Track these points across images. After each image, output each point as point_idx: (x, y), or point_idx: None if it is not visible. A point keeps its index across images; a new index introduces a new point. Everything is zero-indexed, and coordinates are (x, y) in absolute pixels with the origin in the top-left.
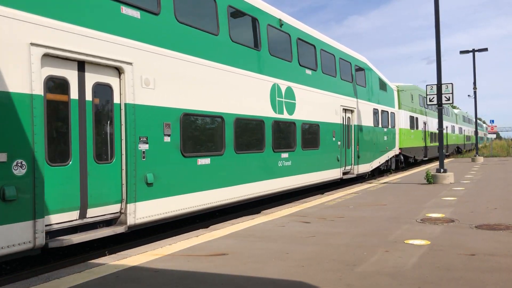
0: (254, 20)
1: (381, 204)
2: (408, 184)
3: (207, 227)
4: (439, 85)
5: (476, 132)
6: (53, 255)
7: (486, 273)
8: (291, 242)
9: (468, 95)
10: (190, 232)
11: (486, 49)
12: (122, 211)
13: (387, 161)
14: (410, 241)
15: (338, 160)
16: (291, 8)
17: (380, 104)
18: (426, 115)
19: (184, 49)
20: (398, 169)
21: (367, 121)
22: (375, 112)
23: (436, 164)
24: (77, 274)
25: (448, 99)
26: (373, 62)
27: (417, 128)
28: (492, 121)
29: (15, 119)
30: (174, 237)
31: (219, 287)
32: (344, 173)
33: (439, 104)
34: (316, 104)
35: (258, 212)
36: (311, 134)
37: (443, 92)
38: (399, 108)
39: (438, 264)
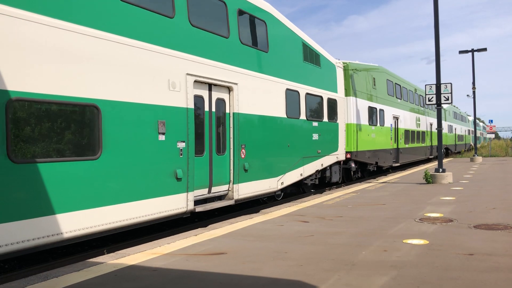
0: None
1: (380, 204)
2: (406, 183)
3: (205, 226)
4: (438, 84)
5: (474, 132)
6: (52, 254)
7: (485, 273)
8: (290, 242)
9: (467, 95)
10: (189, 231)
11: (485, 49)
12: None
13: (320, 171)
14: (409, 241)
15: (178, 179)
16: (291, 8)
17: (306, 83)
18: (398, 108)
19: None
20: (350, 181)
21: (271, 108)
22: (291, 95)
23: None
24: (76, 273)
25: (447, 99)
26: (373, 61)
27: (382, 124)
28: (491, 121)
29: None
30: (172, 236)
31: (218, 286)
32: (205, 200)
33: (438, 103)
34: (82, 61)
35: (256, 211)
36: (67, 125)
37: (442, 92)
38: (349, 94)
39: (436, 263)
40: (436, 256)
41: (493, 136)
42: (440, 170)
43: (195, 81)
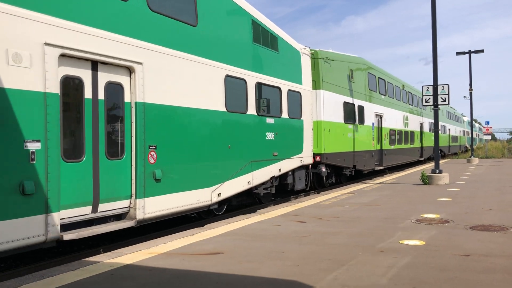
0: None
1: (377, 204)
2: (403, 184)
3: (202, 226)
4: (435, 86)
5: (471, 133)
6: (48, 253)
7: (481, 273)
8: (287, 242)
9: (464, 96)
10: (186, 231)
11: (482, 51)
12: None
13: (278, 178)
14: (405, 242)
15: (26, 195)
16: (290, 8)
17: (256, 71)
18: (384, 105)
19: None
20: (323, 187)
21: (200, 99)
22: (234, 83)
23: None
24: (71, 272)
25: (444, 100)
26: (373, 62)
27: (361, 122)
28: (488, 123)
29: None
30: (169, 236)
31: (214, 286)
32: (91, 222)
33: (435, 105)
34: None
35: (253, 211)
36: None
37: (439, 93)
38: (318, 87)
39: (433, 264)
40: (432, 256)
41: (489, 137)
42: (437, 171)
43: (64, 56)
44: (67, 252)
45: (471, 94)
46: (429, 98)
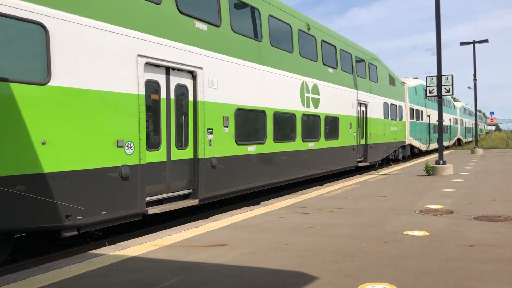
0: None
1: (380, 196)
2: (407, 175)
3: (206, 218)
4: (439, 76)
5: (476, 124)
6: (54, 246)
7: (485, 264)
8: (291, 233)
9: (468, 87)
10: (190, 223)
11: (486, 41)
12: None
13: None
14: (409, 232)
15: None
16: (293, 1)
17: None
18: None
19: None
20: None
21: None
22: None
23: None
24: (77, 265)
25: (448, 91)
26: (377, 54)
27: None
28: (492, 113)
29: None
30: (173, 228)
31: (218, 278)
32: None
33: (439, 95)
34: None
35: (257, 203)
36: None
37: (443, 84)
38: None
39: (437, 255)
40: (436, 247)
41: (494, 128)
42: (441, 162)
43: None
44: (73, 245)
45: (475, 84)
46: (433, 89)
